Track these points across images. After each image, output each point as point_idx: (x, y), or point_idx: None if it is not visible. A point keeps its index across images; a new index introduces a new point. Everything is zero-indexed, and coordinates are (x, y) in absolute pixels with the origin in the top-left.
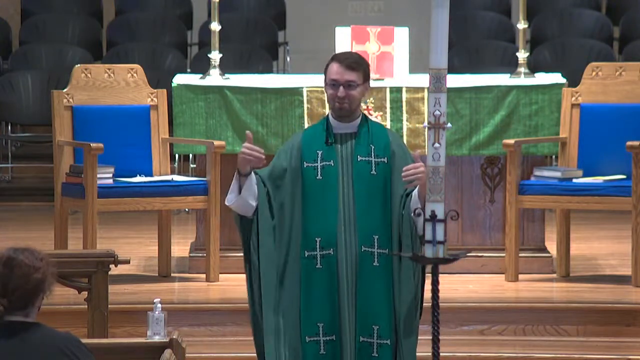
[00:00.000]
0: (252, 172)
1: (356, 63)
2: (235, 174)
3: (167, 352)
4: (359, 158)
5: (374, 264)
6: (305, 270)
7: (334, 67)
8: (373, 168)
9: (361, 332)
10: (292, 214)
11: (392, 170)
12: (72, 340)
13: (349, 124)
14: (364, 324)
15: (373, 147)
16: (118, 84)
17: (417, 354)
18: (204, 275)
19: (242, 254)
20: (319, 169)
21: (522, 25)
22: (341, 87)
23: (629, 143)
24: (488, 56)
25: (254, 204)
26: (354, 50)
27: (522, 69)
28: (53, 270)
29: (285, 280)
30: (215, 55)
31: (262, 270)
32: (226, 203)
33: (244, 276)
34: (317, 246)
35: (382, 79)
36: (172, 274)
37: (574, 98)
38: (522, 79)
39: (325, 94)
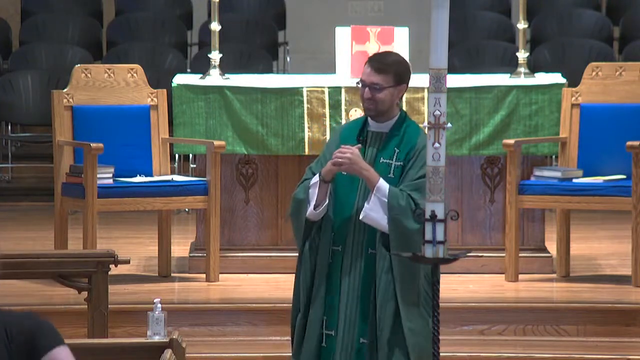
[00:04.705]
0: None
1: (386, 65)
2: (317, 182)
3: (167, 352)
4: (381, 160)
5: (380, 265)
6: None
7: (366, 67)
8: (392, 171)
9: (361, 334)
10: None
11: (404, 169)
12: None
13: (382, 123)
14: (364, 325)
15: (398, 151)
16: (118, 84)
17: None
18: (204, 275)
19: (242, 254)
20: None
21: (522, 25)
22: (366, 89)
23: (629, 143)
24: (488, 56)
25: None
26: (354, 51)
27: (522, 69)
28: None
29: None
30: (215, 55)
31: (318, 265)
32: (310, 217)
33: (243, 276)
34: (331, 241)
35: None
36: (172, 274)
37: (574, 98)
38: (522, 79)
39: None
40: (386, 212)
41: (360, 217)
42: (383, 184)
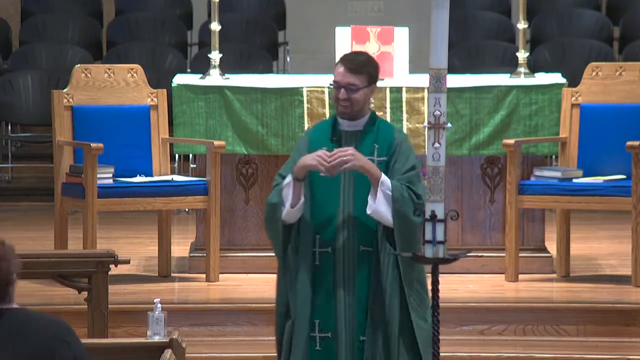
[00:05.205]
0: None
1: (359, 66)
2: (290, 181)
3: (167, 352)
4: None
5: (372, 263)
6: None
7: (338, 68)
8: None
9: (361, 332)
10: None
11: (388, 165)
12: (64, 328)
13: (355, 122)
14: (363, 323)
15: (377, 146)
16: (118, 84)
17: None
18: (204, 275)
19: (242, 254)
20: None
21: (522, 25)
22: (342, 89)
23: (629, 143)
24: (488, 56)
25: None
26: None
27: (522, 69)
28: (14, 253)
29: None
30: (215, 55)
31: (300, 268)
32: (287, 218)
33: (243, 276)
34: (317, 243)
35: (382, 79)
36: (172, 274)
37: (574, 98)
38: (522, 79)
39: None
40: (390, 205)
41: (368, 212)
42: (385, 178)
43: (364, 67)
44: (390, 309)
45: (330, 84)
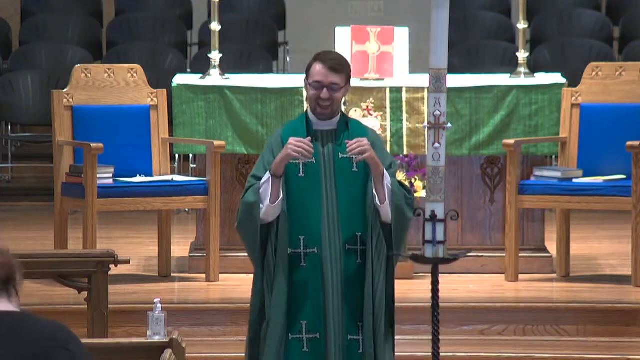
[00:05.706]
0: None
1: (340, 65)
2: (268, 178)
3: (167, 352)
4: (341, 155)
5: (358, 261)
6: (289, 268)
7: (318, 67)
8: (354, 165)
9: (348, 331)
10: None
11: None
12: (63, 331)
13: (328, 121)
14: (350, 322)
15: None
16: (118, 84)
17: (417, 354)
18: (204, 275)
19: (242, 254)
20: (301, 166)
21: (522, 25)
22: (325, 89)
23: (629, 143)
24: (488, 56)
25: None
26: (354, 51)
27: (522, 69)
28: (16, 261)
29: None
30: (215, 55)
31: (279, 268)
32: (265, 217)
33: (243, 276)
34: (301, 244)
35: (382, 79)
36: (172, 274)
37: (574, 98)
38: (522, 79)
39: (307, 93)
40: (391, 199)
41: (380, 204)
42: (386, 172)
43: (344, 66)
44: (380, 309)
45: (310, 84)
